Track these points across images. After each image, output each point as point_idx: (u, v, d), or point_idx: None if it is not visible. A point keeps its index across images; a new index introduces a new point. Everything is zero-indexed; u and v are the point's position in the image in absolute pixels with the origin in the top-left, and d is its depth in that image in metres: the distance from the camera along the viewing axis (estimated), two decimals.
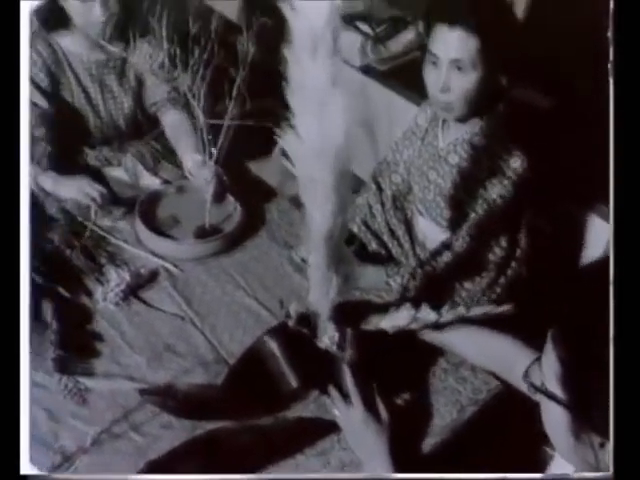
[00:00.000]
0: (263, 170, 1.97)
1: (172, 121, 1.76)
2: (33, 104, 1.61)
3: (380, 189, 1.72)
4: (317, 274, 1.15)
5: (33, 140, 1.60)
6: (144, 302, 1.43)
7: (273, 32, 1.28)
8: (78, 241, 1.52)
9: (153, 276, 1.49)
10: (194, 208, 1.62)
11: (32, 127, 1.59)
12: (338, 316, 1.19)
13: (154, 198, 1.66)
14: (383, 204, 1.70)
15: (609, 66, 1.00)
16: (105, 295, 1.40)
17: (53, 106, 1.66)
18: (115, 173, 1.77)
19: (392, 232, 1.69)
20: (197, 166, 1.62)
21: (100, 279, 1.44)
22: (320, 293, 1.18)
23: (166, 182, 1.73)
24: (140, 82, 1.78)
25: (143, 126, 1.83)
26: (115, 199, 1.68)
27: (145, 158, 1.78)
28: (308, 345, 1.20)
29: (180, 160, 1.70)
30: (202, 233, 1.57)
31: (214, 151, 1.52)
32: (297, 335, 1.21)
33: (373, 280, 1.52)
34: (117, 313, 1.40)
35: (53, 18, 1.62)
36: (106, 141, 1.80)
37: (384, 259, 1.64)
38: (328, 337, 1.18)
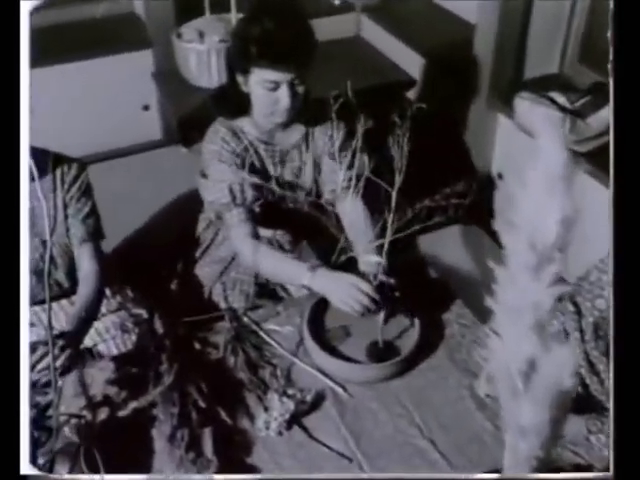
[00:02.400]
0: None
1: (350, 210, 1.63)
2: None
3: (579, 313, 1.46)
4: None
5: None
6: (308, 433, 1.29)
7: None
8: (242, 348, 1.43)
9: (319, 400, 1.34)
10: (365, 317, 1.45)
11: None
12: None
13: (324, 303, 1.52)
14: (582, 332, 1.44)
15: (609, 66, 1.00)
16: (268, 424, 1.27)
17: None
18: None
19: (592, 365, 1.43)
20: (371, 270, 1.47)
21: (263, 401, 1.32)
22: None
23: None
24: (318, 167, 1.68)
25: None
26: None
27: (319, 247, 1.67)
28: None
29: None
30: (376, 352, 1.41)
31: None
32: None
33: (572, 432, 1.28)
34: (279, 444, 1.27)
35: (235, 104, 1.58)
36: None
37: (583, 401, 1.38)
38: None
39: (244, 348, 1.43)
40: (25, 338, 1.03)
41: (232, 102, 1.61)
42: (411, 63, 2.74)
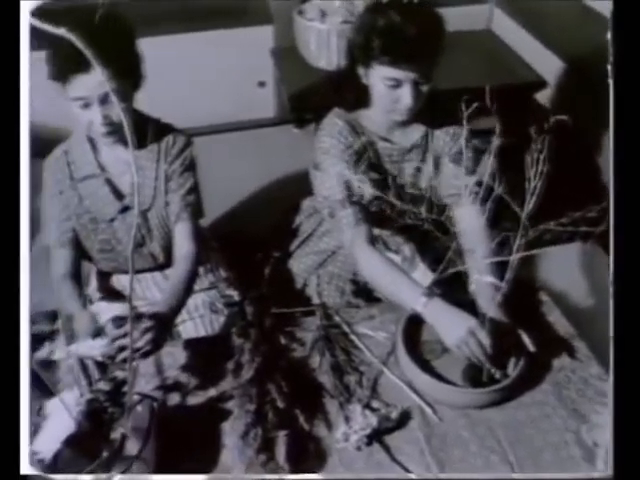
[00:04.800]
0: None
1: (468, 218, 1.49)
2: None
3: None
4: None
5: None
6: (389, 453, 1.18)
7: None
8: (329, 349, 1.34)
9: (405, 418, 1.23)
10: None
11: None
12: None
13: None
14: None
15: (609, 66, 1.01)
16: (347, 436, 1.18)
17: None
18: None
19: None
20: (482, 289, 1.33)
21: (345, 410, 1.23)
22: None
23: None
24: (438, 169, 1.55)
25: (433, 209, 1.59)
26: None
27: (428, 252, 1.55)
28: None
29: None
30: (474, 375, 1.28)
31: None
32: None
33: None
34: (356, 459, 1.18)
35: (354, 96, 1.46)
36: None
37: None
38: None
39: (331, 349, 1.34)
40: (25, 337, 1.02)
41: (351, 94, 1.50)
42: (544, 63, 2.54)
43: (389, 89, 1.40)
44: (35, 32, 0.97)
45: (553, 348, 1.38)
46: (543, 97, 2.59)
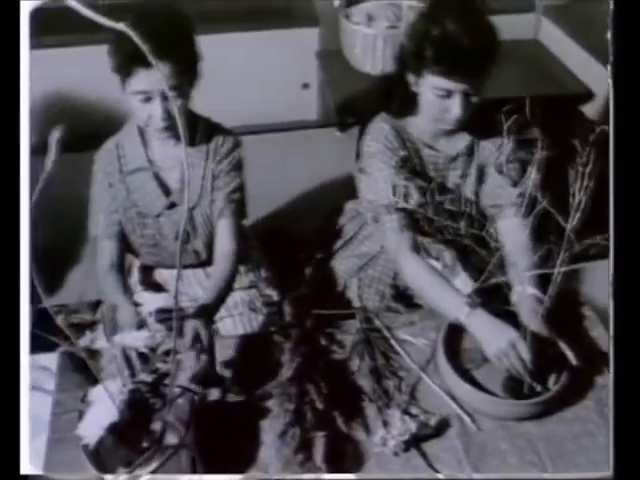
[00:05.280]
0: None
1: (512, 230, 1.48)
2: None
3: None
4: None
5: None
6: (426, 460, 1.17)
7: None
8: (369, 352, 1.34)
9: (443, 426, 1.23)
10: None
11: None
12: None
13: None
14: None
15: (609, 66, 1.01)
16: (385, 440, 1.18)
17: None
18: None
19: None
20: (524, 301, 1.32)
21: (383, 415, 1.22)
22: None
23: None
24: (482, 178, 1.54)
25: (474, 223, 1.58)
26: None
27: (470, 260, 1.54)
28: None
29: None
30: (514, 387, 1.26)
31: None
32: None
33: None
34: (393, 464, 1.17)
35: (402, 103, 1.46)
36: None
37: None
38: None
39: (371, 353, 1.34)
40: (25, 339, 1.02)
41: (399, 100, 1.49)
42: (591, 74, 2.50)
43: (439, 98, 1.39)
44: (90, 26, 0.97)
45: (596, 364, 1.35)
46: (590, 109, 2.55)
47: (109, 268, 1.48)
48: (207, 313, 1.30)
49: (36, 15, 1.06)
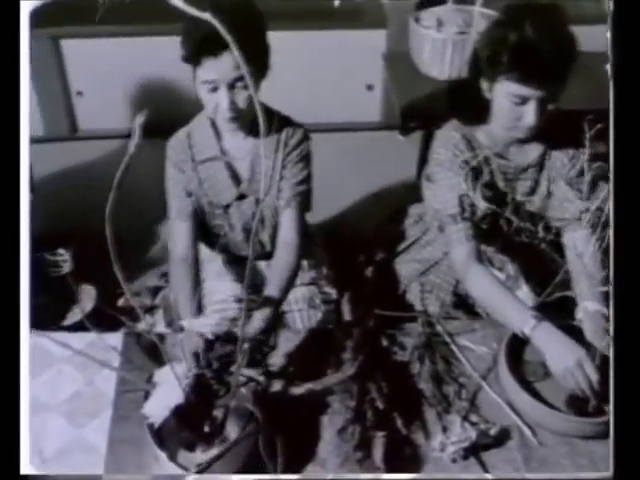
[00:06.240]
0: None
1: (580, 245, 1.45)
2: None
3: None
4: None
5: None
6: (485, 469, 1.16)
7: None
8: (430, 357, 1.33)
9: (504, 437, 1.21)
10: None
11: None
12: None
13: None
14: None
15: (609, 66, 1.02)
16: (444, 446, 1.17)
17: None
18: None
19: None
20: (590, 318, 1.30)
21: (442, 420, 1.22)
22: None
23: None
24: (551, 190, 1.51)
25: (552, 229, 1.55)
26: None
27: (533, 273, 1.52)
28: None
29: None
30: (578, 404, 1.24)
31: None
32: None
33: None
34: (451, 471, 1.16)
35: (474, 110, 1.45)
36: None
37: None
38: None
39: (432, 358, 1.33)
40: (25, 338, 1.02)
41: (471, 107, 1.46)
42: None
43: (513, 105, 1.36)
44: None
45: None
46: None
47: (183, 251, 1.48)
48: (272, 304, 1.31)
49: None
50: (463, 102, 1.50)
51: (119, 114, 2.71)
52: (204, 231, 1.58)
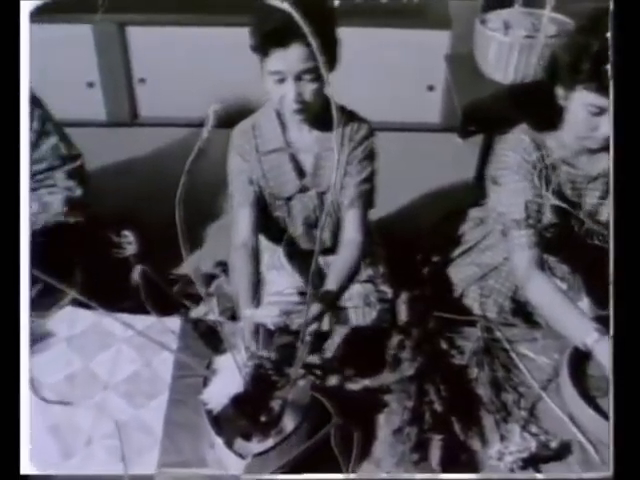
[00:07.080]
0: None
1: None
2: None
3: None
4: None
5: None
6: None
7: None
8: (489, 363, 1.31)
9: (564, 451, 1.18)
10: None
11: None
12: None
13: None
14: None
15: (609, 66, 1.02)
16: (501, 455, 1.14)
17: None
18: None
19: None
20: None
21: (500, 428, 1.19)
22: None
23: None
24: None
25: None
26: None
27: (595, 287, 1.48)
28: None
29: None
30: None
31: None
32: None
33: None
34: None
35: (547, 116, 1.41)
36: None
37: None
38: None
39: (491, 364, 1.31)
40: (25, 338, 1.02)
41: (544, 113, 1.42)
42: None
43: (589, 115, 1.32)
44: None
45: None
46: None
47: (244, 238, 1.46)
48: (331, 299, 1.31)
49: None
50: (535, 107, 1.47)
51: (180, 103, 2.74)
52: (263, 222, 1.58)
